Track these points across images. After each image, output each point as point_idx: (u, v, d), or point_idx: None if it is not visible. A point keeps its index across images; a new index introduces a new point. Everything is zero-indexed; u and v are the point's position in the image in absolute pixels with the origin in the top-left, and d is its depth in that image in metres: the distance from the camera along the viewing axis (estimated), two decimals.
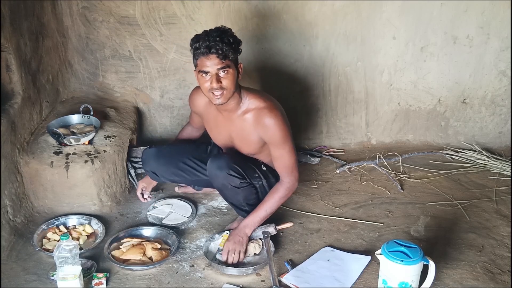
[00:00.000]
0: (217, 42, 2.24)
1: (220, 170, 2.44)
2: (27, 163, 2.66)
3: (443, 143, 3.52)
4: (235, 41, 2.32)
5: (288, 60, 3.32)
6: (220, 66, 2.27)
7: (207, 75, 2.30)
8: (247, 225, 2.49)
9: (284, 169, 2.50)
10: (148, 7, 3.17)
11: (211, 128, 2.65)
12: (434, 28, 3.23)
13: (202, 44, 2.26)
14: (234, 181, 2.45)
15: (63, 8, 3.19)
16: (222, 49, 2.24)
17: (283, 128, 2.42)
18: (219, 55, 2.25)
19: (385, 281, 2.12)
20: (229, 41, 2.28)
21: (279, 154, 2.46)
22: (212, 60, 2.26)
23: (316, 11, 3.19)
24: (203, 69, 2.29)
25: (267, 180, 2.59)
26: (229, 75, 2.31)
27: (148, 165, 2.73)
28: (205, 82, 2.32)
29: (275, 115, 2.40)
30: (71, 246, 2.07)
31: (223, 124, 2.55)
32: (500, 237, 2.58)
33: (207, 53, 2.25)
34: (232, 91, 2.35)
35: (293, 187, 2.53)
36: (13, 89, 2.68)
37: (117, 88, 3.42)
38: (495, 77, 3.35)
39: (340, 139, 3.54)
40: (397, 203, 2.89)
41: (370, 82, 3.39)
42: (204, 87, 2.35)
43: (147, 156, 2.73)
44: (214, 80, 2.29)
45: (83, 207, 2.73)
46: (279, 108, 2.48)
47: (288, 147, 2.46)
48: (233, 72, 2.33)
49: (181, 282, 2.29)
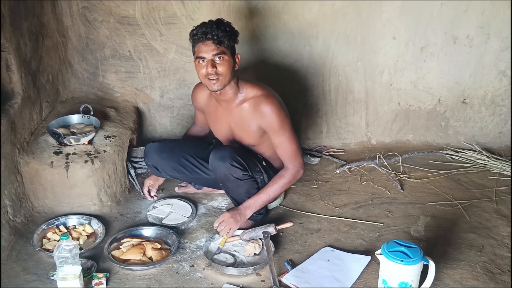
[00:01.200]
0: (213, 29, 2.35)
1: (223, 161, 2.47)
2: (27, 163, 2.66)
3: (443, 143, 3.52)
4: (231, 30, 2.42)
5: (288, 60, 3.32)
6: (215, 52, 2.36)
7: (203, 61, 2.39)
8: (249, 207, 2.54)
9: (286, 155, 2.55)
10: (148, 7, 3.17)
11: (213, 121, 2.72)
12: (434, 28, 3.23)
13: (199, 31, 2.37)
14: (237, 172, 2.47)
15: (63, 8, 3.19)
16: (217, 35, 2.34)
17: (280, 114, 2.48)
18: (215, 41, 2.35)
19: (385, 281, 2.12)
20: (225, 28, 2.38)
21: (279, 141, 2.52)
22: (208, 46, 2.36)
23: (316, 11, 3.19)
24: (199, 54, 2.39)
25: (268, 175, 2.62)
26: (224, 62, 2.39)
27: (150, 158, 2.75)
28: (202, 69, 2.41)
29: (271, 102, 2.47)
30: (71, 246, 2.07)
31: (223, 115, 2.61)
32: (500, 237, 2.58)
33: (203, 38, 2.36)
34: (228, 78, 2.42)
35: (297, 174, 2.57)
36: (13, 89, 2.68)
37: (117, 88, 3.42)
38: (495, 77, 3.35)
39: (340, 139, 3.54)
40: (397, 203, 2.89)
41: (370, 82, 3.39)
42: (200, 74, 2.43)
43: (150, 150, 2.75)
44: (209, 65, 2.38)
45: (83, 207, 2.73)
46: (275, 96, 2.54)
47: (288, 133, 2.51)
48: (229, 59, 2.41)
49: (181, 282, 2.29)
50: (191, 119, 3.43)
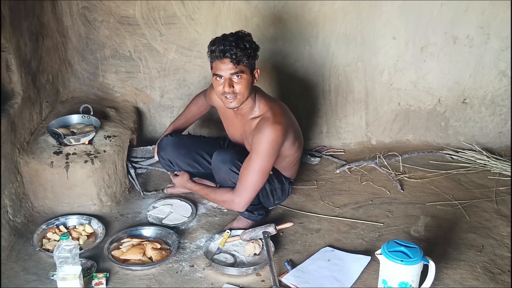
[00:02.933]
0: (232, 47, 2.26)
1: (223, 164, 2.47)
2: (27, 163, 2.66)
3: (443, 143, 3.52)
4: (251, 47, 2.33)
5: (288, 60, 3.32)
6: (233, 71, 2.30)
7: (221, 78, 2.33)
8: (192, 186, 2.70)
9: (240, 181, 2.41)
10: (148, 7, 3.17)
11: (228, 126, 2.72)
12: (434, 28, 3.23)
13: (218, 48, 2.29)
14: (235, 177, 2.45)
15: (63, 8, 3.19)
16: (236, 54, 2.26)
17: (271, 144, 2.35)
18: (233, 60, 2.27)
19: (385, 281, 2.12)
20: (244, 46, 2.30)
21: (247, 164, 2.38)
22: (226, 64, 2.29)
23: (316, 11, 3.19)
24: (217, 72, 2.33)
25: (270, 184, 2.59)
26: (242, 80, 2.32)
27: (167, 153, 2.77)
28: (219, 86, 2.35)
29: (274, 129, 2.36)
30: (71, 246, 2.07)
31: (238, 125, 2.59)
32: (500, 237, 2.58)
33: (221, 57, 2.28)
34: (245, 96, 2.37)
35: (232, 204, 2.46)
36: (13, 89, 2.68)
37: (117, 88, 3.42)
38: (495, 77, 3.35)
39: (340, 139, 3.54)
40: (397, 203, 2.89)
41: (370, 82, 3.39)
42: (217, 90, 2.37)
43: (167, 144, 2.77)
44: (226, 85, 2.32)
45: (83, 207, 2.73)
46: (283, 125, 2.39)
47: (259, 165, 2.35)
48: (247, 77, 2.34)
49: (181, 282, 2.29)
50: None
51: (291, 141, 2.52)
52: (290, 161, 2.64)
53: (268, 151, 2.36)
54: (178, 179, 2.77)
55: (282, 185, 2.67)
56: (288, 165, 2.67)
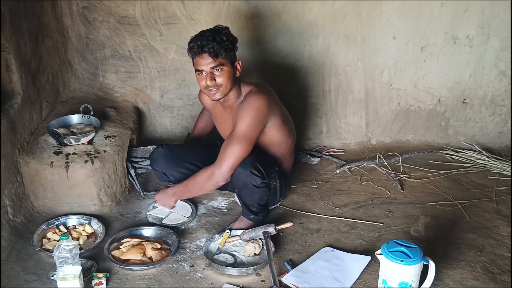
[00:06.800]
0: (209, 41, 2.33)
1: (243, 168, 2.45)
2: (27, 163, 2.66)
3: (443, 143, 3.52)
4: (228, 40, 2.39)
5: (288, 60, 3.32)
6: (213, 65, 2.37)
7: (202, 73, 2.40)
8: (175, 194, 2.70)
9: (221, 152, 2.46)
10: (148, 7, 3.17)
11: (219, 124, 2.74)
12: (434, 28, 3.23)
13: (195, 44, 2.37)
14: (256, 180, 2.45)
15: (63, 8, 3.20)
16: (213, 48, 2.33)
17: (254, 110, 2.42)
18: (211, 54, 2.34)
19: (385, 281, 2.12)
20: (221, 39, 2.36)
21: (230, 134, 2.46)
22: (205, 59, 2.36)
23: (316, 11, 3.19)
24: (198, 68, 2.40)
25: (280, 181, 2.64)
26: (223, 73, 2.39)
27: (159, 165, 2.78)
28: (202, 81, 2.42)
29: (258, 96, 2.45)
30: (71, 246, 2.07)
31: (228, 119, 2.61)
32: (500, 237, 2.58)
33: (199, 52, 2.36)
34: (228, 87, 2.43)
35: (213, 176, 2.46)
36: (13, 89, 2.68)
37: (117, 88, 3.42)
38: (495, 77, 3.35)
39: (340, 139, 3.54)
40: (397, 203, 2.89)
41: (370, 82, 3.39)
42: (201, 85, 2.45)
43: (158, 156, 2.78)
44: (208, 79, 2.39)
45: (83, 207, 2.73)
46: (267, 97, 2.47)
47: (241, 133, 2.42)
48: (228, 69, 2.40)
49: (181, 282, 2.29)
50: (191, 119, 3.43)
51: (278, 122, 2.56)
52: (286, 148, 2.69)
53: (252, 118, 2.42)
54: (160, 200, 2.76)
55: (286, 180, 2.76)
56: (285, 155, 2.71)
